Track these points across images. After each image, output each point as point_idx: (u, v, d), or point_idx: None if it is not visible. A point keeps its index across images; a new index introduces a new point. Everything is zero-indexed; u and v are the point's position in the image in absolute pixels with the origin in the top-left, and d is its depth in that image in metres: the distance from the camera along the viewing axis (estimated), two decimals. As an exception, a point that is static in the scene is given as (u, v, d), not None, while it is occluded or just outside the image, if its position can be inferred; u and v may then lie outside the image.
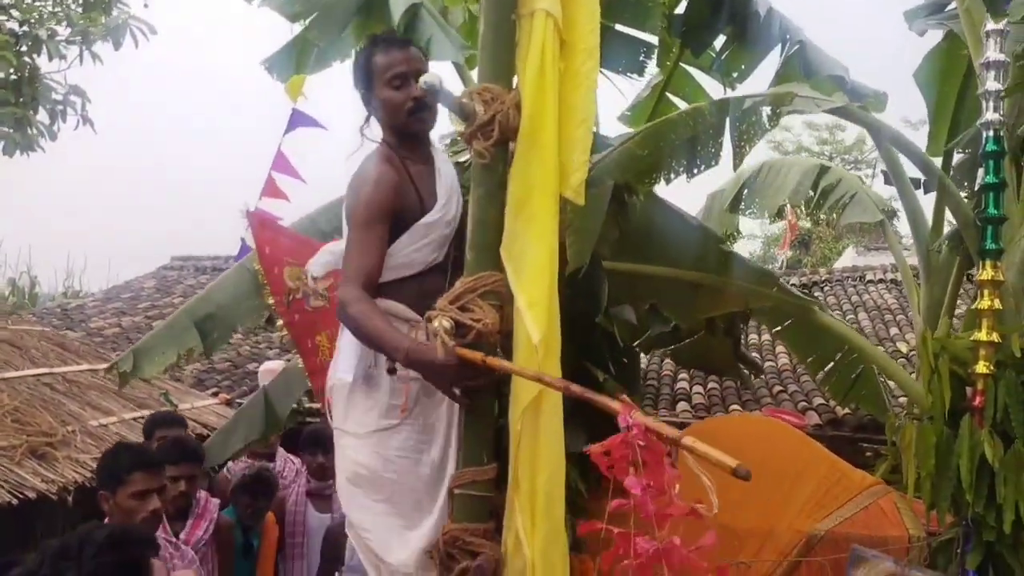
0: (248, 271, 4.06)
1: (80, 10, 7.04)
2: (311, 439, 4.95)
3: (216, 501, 3.87)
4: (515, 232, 2.26)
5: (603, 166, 3.15)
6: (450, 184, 2.52)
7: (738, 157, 3.50)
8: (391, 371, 2.34)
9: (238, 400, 7.36)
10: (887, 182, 5.56)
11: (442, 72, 2.59)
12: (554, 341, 2.25)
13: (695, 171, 3.39)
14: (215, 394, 7.67)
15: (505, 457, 2.26)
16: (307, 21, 4.46)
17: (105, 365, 6.61)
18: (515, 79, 2.34)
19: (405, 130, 2.48)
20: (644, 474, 1.82)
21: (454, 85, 2.91)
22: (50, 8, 6.67)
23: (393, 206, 2.38)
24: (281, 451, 5.20)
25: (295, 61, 4.92)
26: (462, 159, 3.08)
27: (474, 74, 3.50)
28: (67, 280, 15.56)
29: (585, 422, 2.53)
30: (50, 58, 6.30)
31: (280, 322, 3.76)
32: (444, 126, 4.01)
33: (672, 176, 3.35)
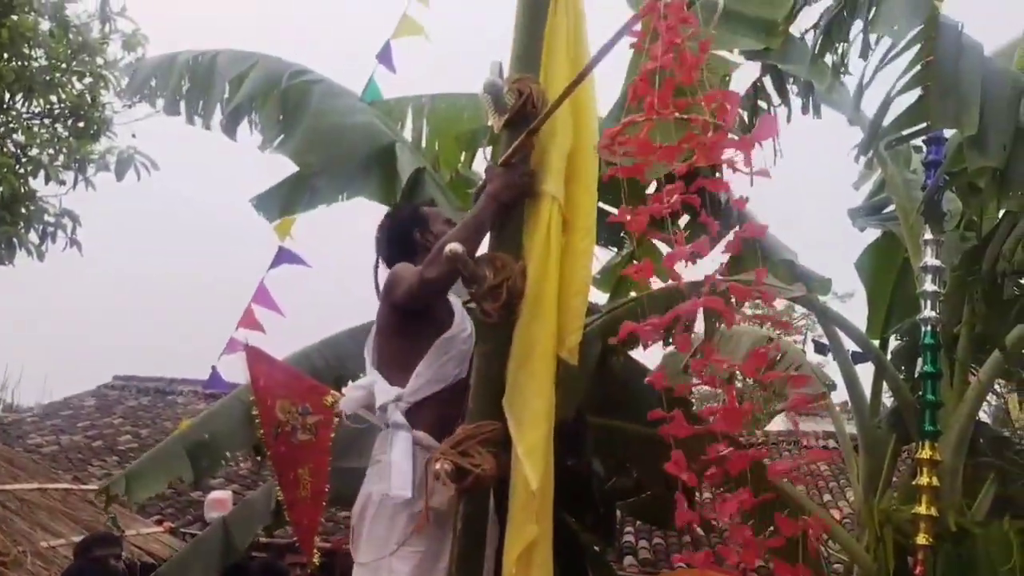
0: (241, 402, 4.20)
1: (66, 133, 7.32)
2: (262, 571, 4.95)
3: None
4: (517, 385, 2.52)
5: (592, 330, 3.46)
6: (462, 308, 2.90)
7: (709, 330, 3.86)
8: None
9: (182, 529, 7.25)
10: (817, 351, 6.02)
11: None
12: (548, 488, 2.48)
13: (670, 340, 3.72)
14: (159, 522, 7.53)
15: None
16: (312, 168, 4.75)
17: (55, 485, 6.54)
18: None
19: None
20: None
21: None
22: (46, 135, 6.95)
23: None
24: None
25: (284, 201, 5.18)
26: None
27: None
28: (-1, 392, 15.15)
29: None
30: (47, 181, 6.54)
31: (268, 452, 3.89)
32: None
33: (649, 343, 3.68)
